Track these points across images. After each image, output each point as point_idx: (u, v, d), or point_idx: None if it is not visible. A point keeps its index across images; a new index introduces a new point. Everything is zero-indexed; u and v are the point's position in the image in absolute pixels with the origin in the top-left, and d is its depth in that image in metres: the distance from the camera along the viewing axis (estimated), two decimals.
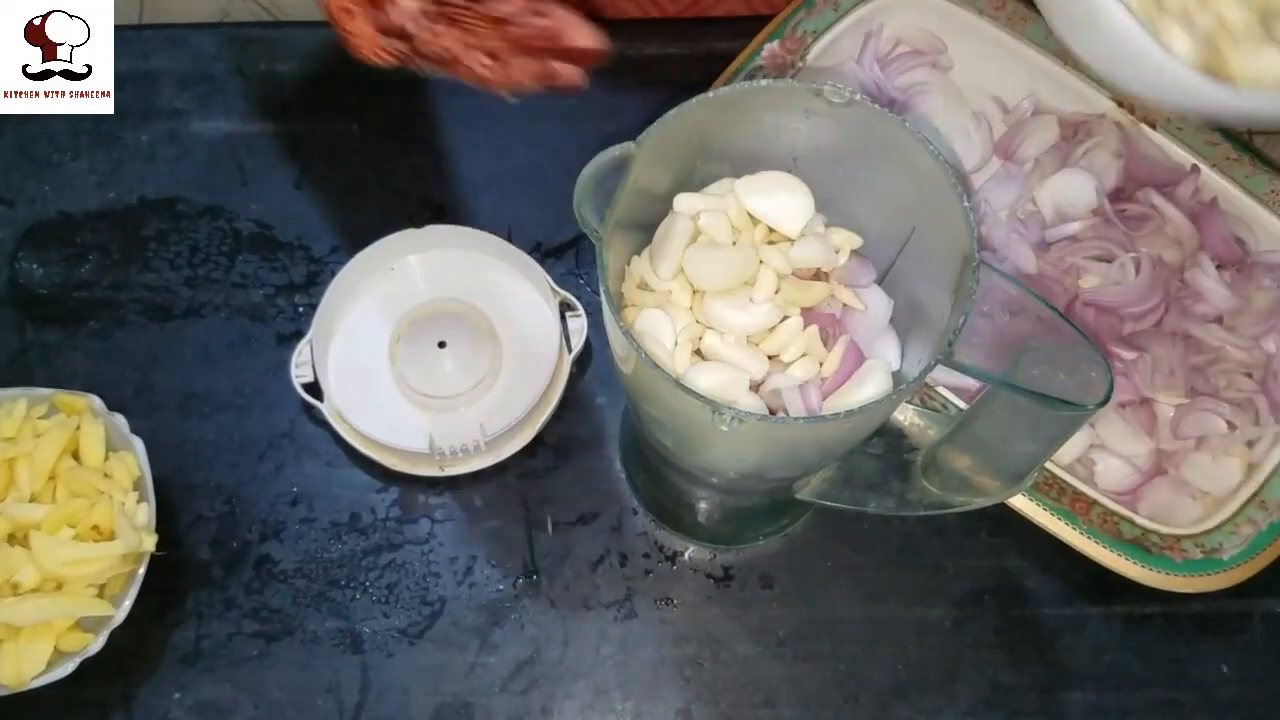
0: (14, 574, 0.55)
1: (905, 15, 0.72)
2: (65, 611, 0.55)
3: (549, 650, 0.62)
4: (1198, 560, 0.59)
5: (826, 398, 0.46)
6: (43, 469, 0.57)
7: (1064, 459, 0.62)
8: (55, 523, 0.56)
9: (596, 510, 0.65)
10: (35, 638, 0.55)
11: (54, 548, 0.55)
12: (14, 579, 0.55)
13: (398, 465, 0.64)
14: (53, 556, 0.55)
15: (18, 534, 0.56)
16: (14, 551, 0.55)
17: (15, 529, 0.56)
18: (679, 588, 0.63)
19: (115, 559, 0.56)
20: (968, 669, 0.62)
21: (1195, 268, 0.66)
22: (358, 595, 0.62)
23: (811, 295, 0.47)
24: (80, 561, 0.55)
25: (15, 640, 0.55)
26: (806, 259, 0.46)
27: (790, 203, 0.47)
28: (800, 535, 0.64)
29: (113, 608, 0.56)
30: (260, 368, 0.67)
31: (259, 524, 0.64)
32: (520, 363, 0.66)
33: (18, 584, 0.55)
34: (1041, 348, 0.44)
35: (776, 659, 0.62)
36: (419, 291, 0.68)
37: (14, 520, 0.55)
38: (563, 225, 0.71)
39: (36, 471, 0.57)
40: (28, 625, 0.55)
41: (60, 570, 0.55)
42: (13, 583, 0.55)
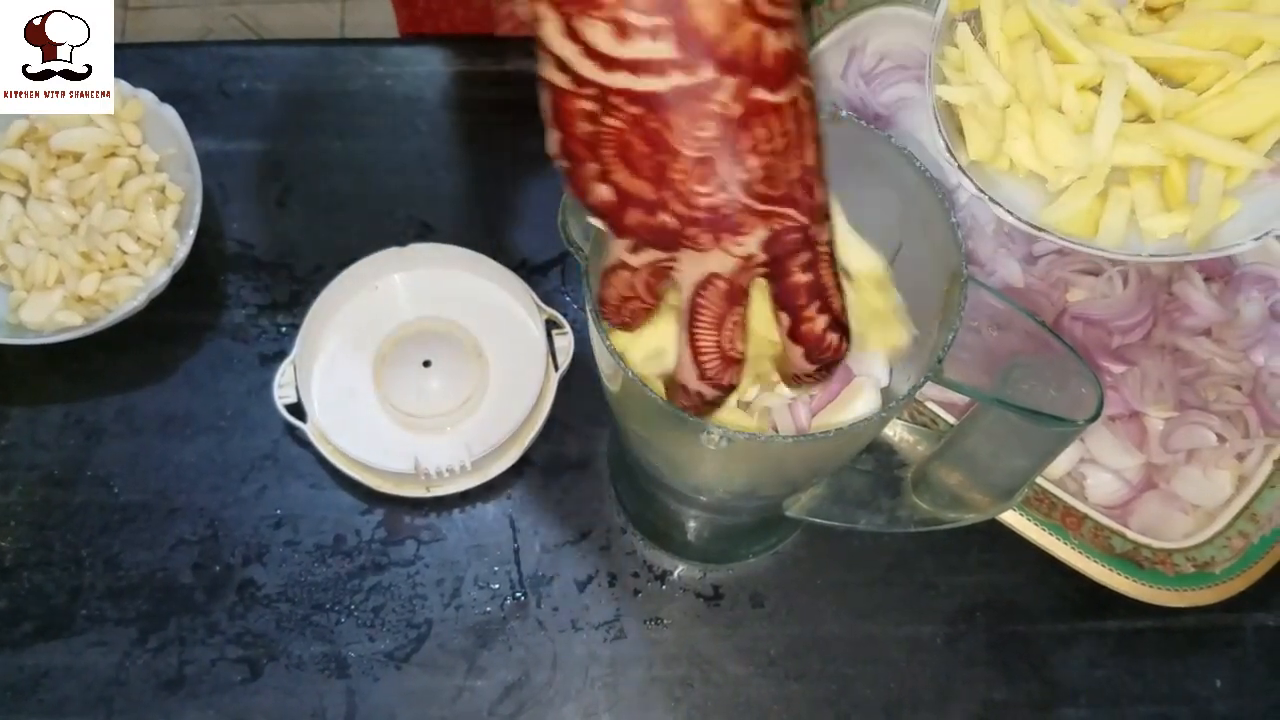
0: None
1: (889, 30, 0.72)
2: None
3: (538, 672, 0.61)
4: (1190, 574, 0.59)
5: (815, 415, 0.46)
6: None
7: (1054, 473, 0.62)
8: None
9: (585, 530, 0.64)
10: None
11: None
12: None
13: (383, 486, 0.63)
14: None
15: None
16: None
17: None
18: (669, 607, 0.63)
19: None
20: (960, 686, 0.61)
21: (1183, 280, 0.65)
22: (343, 619, 0.62)
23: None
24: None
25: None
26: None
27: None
28: (790, 553, 0.64)
29: None
30: (243, 389, 0.67)
31: (242, 547, 0.63)
32: (506, 381, 0.65)
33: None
34: (1031, 363, 0.44)
35: (767, 679, 0.61)
36: (403, 310, 0.67)
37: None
38: (548, 242, 0.70)
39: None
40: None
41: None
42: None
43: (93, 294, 0.64)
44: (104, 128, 0.66)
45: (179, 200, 0.67)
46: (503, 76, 0.75)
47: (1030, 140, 0.58)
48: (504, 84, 0.75)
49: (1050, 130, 0.57)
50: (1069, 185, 0.58)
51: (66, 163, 0.66)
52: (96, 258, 0.65)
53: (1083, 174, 0.58)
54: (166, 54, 0.76)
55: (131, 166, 0.67)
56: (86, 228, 0.65)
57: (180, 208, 0.67)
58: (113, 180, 0.66)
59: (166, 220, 0.66)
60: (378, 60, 0.76)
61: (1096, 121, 0.56)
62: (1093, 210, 0.58)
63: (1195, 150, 0.56)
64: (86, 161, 0.66)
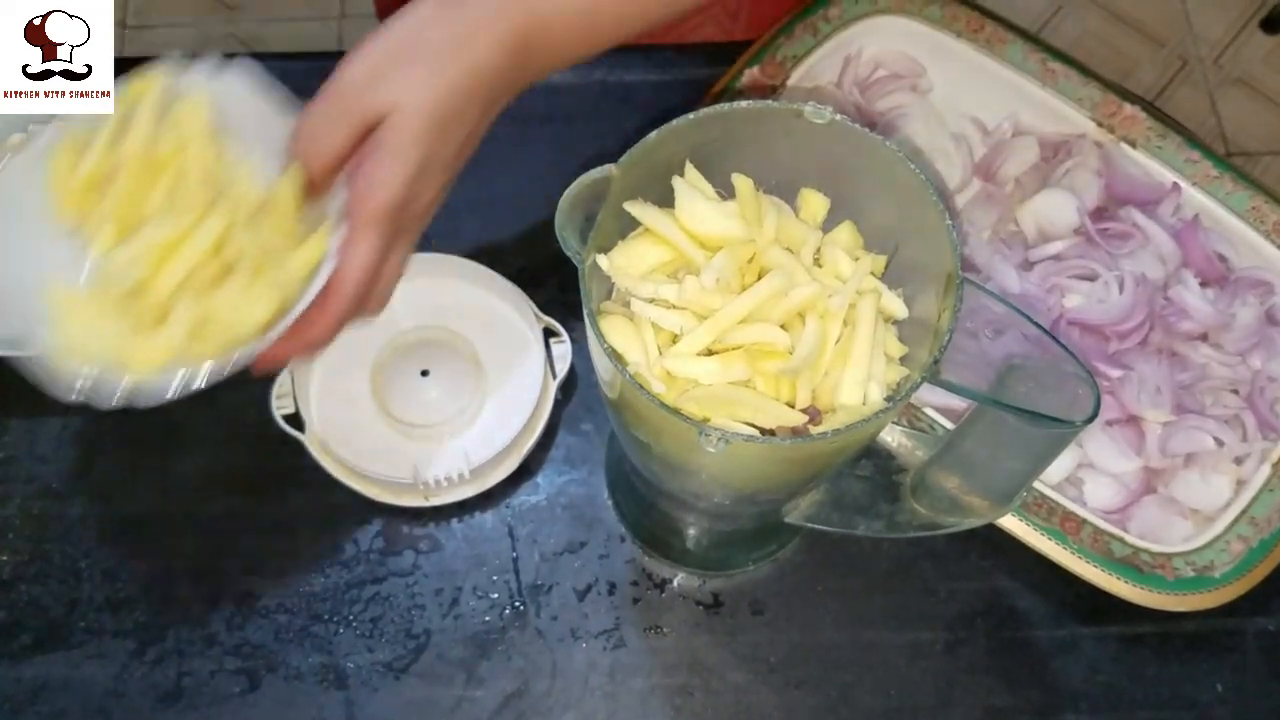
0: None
1: (884, 39, 0.72)
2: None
3: (537, 682, 0.61)
4: (1190, 578, 0.59)
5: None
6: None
7: (1053, 478, 0.62)
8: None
9: (584, 538, 0.64)
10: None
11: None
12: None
13: (381, 496, 0.63)
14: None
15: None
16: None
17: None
18: (668, 615, 0.62)
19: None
20: (961, 693, 0.61)
21: (1179, 285, 0.66)
22: (341, 629, 0.61)
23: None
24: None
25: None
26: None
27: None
28: (789, 560, 0.64)
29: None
30: (241, 400, 0.66)
31: (240, 558, 0.63)
32: (504, 390, 0.65)
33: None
34: (1027, 365, 0.44)
35: (768, 686, 0.61)
36: (401, 320, 0.67)
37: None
38: (545, 251, 0.70)
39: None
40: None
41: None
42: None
43: None
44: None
45: None
46: None
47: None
48: None
49: None
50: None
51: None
52: None
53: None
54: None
55: None
56: None
57: None
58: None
59: None
60: None
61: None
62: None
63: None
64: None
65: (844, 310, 0.43)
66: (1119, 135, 0.69)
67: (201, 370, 0.49)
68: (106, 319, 0.49)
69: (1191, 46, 1.76)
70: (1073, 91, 0.70)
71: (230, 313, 0.49)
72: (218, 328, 0.49)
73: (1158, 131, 0.69)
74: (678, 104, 0.71)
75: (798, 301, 0.43)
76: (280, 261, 0.50)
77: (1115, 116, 0.69)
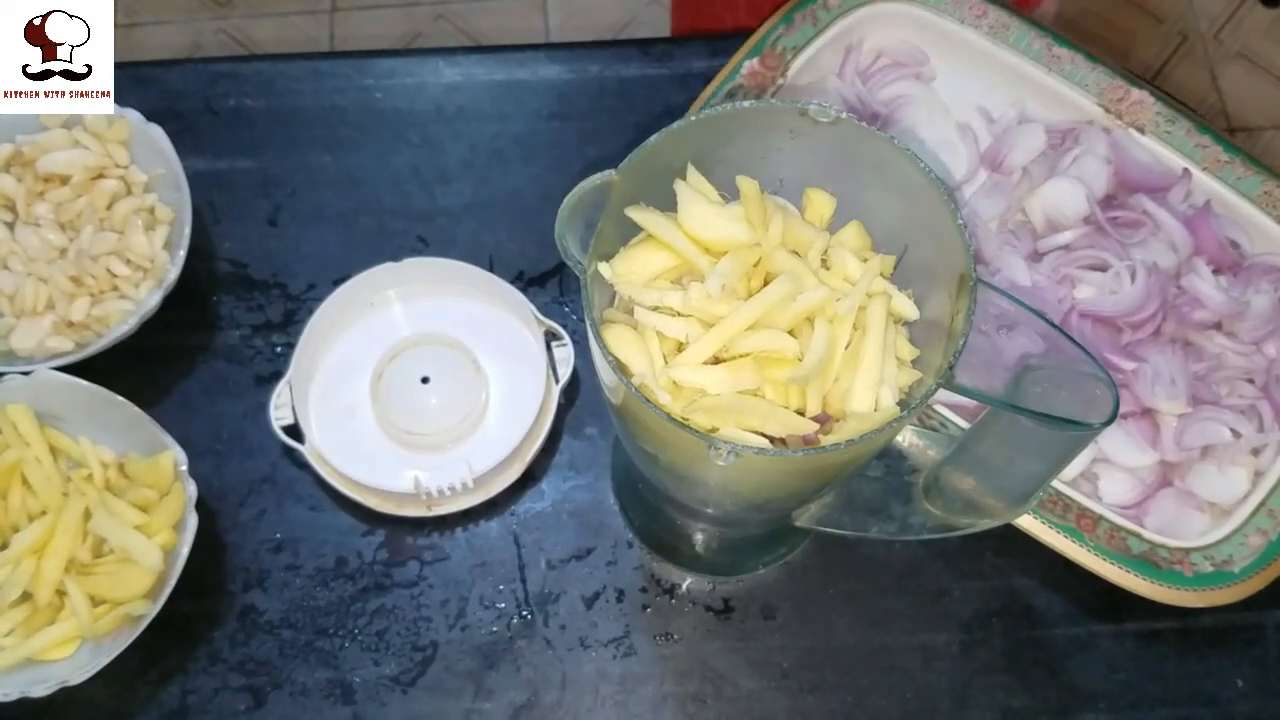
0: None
1: (886, 27, 0.71)
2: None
3: (547, 693, 0.60)
4: (1208, 573, 0.58)
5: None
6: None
7: (1067, 474, 0.61)
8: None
9: (591, 545, 0.63)
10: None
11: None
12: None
13: (383, 507, 0.62)
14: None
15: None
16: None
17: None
18: (679, 621, 0.61)
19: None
20: (978, 694, 0.60)
21: (1191, 273, 0.64)
22: (347, 643, 0.60)
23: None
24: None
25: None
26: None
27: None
28: (800, 563, 0.63)
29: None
30: (238, 411, 0.65)
31: (242, 573, 0.62)
32: (506, 396, 0.64)
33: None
34: (1042, 365, 0.43)
35: (781, 692, 0.60)
36: (400, 327, 0.66)
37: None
38: (545, 253, 0.69)
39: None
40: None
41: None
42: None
43: (83, 319, 0.63)
44: (91, 149, 0.65)
45: (168, 221, 0.66)
46: (496, 86, 0.74)
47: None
48: (497, 94, 0.74)
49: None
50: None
51: (54, 186, 0.65)
52: (86, 281, 0.64)
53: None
54: (153, 73, 0.75)
55: (120, 187, 0.66)
56: (75, 251, 0.64)
57: (170, 228, 0.66)
58: (101, 202, 0.65)
59: (156, 241, 0.65)
60: (366, 73, 0.75)
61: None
62: None
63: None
64: (74, 184, 0.65)
65: (853, 314, 0.42)
66: (1127, 121, 0.68)
67: (114, 645, 0.56)
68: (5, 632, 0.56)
69: (1191, 22, 1.74)
70: (1079, 77, 0.69)
71: (118, 590, 0.57)
72: (108, 605, 0.57)
73: (1166, 116, 0.68)
74: (679, 99, 0.70)
75: (806, 306, 0.42)
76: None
77: (1123, 102, 0.68)
